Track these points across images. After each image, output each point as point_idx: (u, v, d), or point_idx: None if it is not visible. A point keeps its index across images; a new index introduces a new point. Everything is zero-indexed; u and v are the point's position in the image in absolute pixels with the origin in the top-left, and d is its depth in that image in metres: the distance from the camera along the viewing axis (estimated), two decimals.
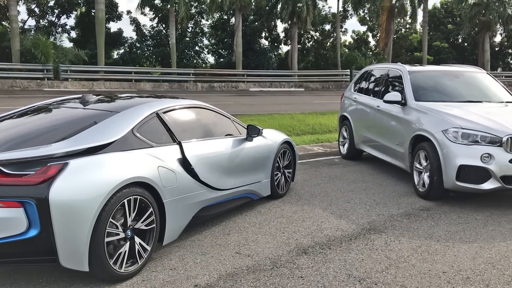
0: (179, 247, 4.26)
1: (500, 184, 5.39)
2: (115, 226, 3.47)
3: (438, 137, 5.80)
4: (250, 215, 5.26)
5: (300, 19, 34.71)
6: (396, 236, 4.67)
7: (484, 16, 38.09)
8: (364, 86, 8.55)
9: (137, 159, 3.79)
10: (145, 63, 40.46)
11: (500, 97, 7.03)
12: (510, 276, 3.77)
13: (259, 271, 3.80)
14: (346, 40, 47.86)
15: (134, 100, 4.82)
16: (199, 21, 41.66)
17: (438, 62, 39.80)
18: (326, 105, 18.25)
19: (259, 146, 5.53)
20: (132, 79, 28.40)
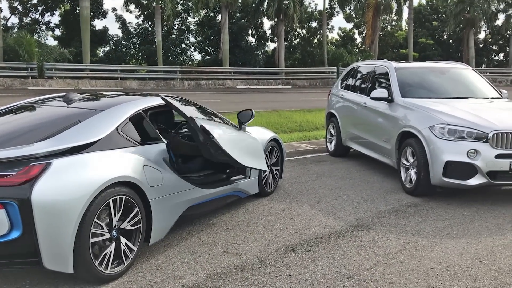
0: (166, 247, 4.21)
1: (486, 179, 5.42)
2: (100, 226, 3.41)
3: (425, 134, 5.81)
4: (238, 213, 5.23)
5: (286, 16, 34.69)
6: (384, 232, 4.67)
7: (468, 13, 38.46)
8: (351, 83, 8.55)
9: (122, 158, 3.73)
10: (131, 61, 40.13)
11: (485, 93, 7.08)
12: (497, 271, 3.78)
13: (247, 270, 3.77)
14: (332, 38, 47.97)
15: (119, 98, 4.76)
16: (185, 18, 41.42)
17: (423, 59, 40.10)
18: (313, 102, 18.26)
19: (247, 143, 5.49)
20: (118, 77, 28.16)
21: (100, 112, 3.98)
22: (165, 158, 4.26)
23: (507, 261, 4.00)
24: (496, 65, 46.69)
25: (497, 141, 5.40)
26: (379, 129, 7.06)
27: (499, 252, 4.18)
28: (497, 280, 3.63)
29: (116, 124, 3.92)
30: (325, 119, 9.36)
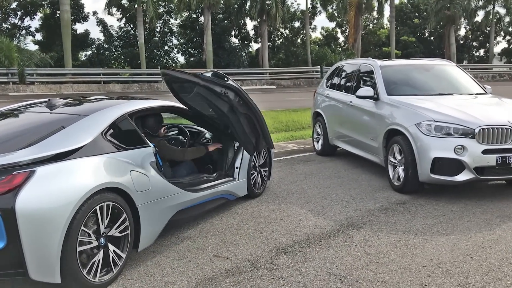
0: (155, 253, 4.14)
1: (474, 175, 5.44)
2: (88, 234, 3.33)
3: (412, 131, 5.82)
4: (227, 216, 5.17)
5: (269, 17, 34.72)
6: (375, 231, 4.66)
7: (448, 10, 38.89)
8: (336, 82, 8.55)
9: (108, 163, 3.66)
10: (114, 64, 39.79)
11: (470, 89, 7.12)
12: (488, 267, 3.79)
13: (238, 273, 3.72)
14: (316, 37, 48.11)
15: (103, 102, 4.67)
16: (167, 20, 41.20)
17: (406, 56, 40.42)
18: (298, 102, 18.28)
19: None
20: (101, 80, 27.91)
21: (84, 117, 3.89)
22: (152, 162, 4.19)
23: (497, 256, 4.01)
24: (477, 61, 47.29)
25: (484, 137, 5.43)
26: (365, 127, 7.06)
27: (489, 248, 4.19)
28: (489, 276, 3.63)
29: (101, 129, 3.84)
30: (312, 118, 9.35)
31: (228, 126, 5.15)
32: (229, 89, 4.61)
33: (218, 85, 4.59)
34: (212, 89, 4.59)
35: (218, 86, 4.59)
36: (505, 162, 5.41)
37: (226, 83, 4.60)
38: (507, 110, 6.03)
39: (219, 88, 4.59)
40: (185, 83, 4.72)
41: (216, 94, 4.62)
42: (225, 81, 4.61)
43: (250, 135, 5.02)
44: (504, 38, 49.10)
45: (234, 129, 4.99)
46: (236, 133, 5.01)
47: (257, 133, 5.06)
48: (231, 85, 4.63)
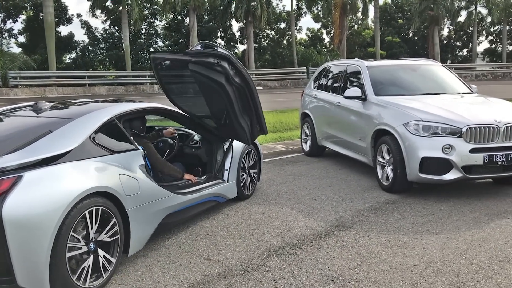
0: (145, 257, 4.10)
1: (462, 174, 5.48)
2: (77, 239, 3.28)
3: (400, 131, 5.85)
4: (217, 218, 5.14)
5: (255, 18, 34.74)
6: (365, 231, 4.67)
7: (432, 11, 39.29)
8: (323, 83, 8.57)
9: (96, 167, 3.61)
10: (99, 66, 39.51)
11: (456, 89, 7.18)
12: (478, 265, 3.82)
13: (230, 276, 3.70)
14: (301, 38, 48.32)
15: (90, 105, 4.61)
16: (152, 22, 41.03)
17: (390, 56, 40.77)
18: (285, 103, 18.30)
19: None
20: (86, 83, 27.66)
21: (72, 120, 3.83)
22: (141, 165, 4.14)
23: (487, 254, 4.04)
24: (460, 60, 47.85)
25: (471, 136, 5.47)
26: (353, 127, 7.08)
27: (478, 246, 4.22)
28: (479, 274, 3.66)
29: (89, 132, 3.78)
30: (299, 119, 9.35)
31: (221, 117, 5.07)
32: (221, 57, 4.56)
33: (210, 55, 4.55)
34: (204, 61, 4.55)
35: (211, 56, 4.55)
36: (492, 160, 5.46)
37: (217, 52, 4.56)
38: (493, 109, 6.09)
39: (212, 59, 4.54)
40: (176, 66, 4.69)
41: (210, 66, 4.56)
42: (216, 50, 4.57)
43: (246, 119, 5.00)
44: (486, 38, 49.86)
45: (228, 116, 4.93)
46: (231, 120, 4.95)
47: (251, 113, 5.04)
48: (223, 53, 4.58)
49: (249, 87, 4.85)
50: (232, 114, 4.90)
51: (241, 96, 4.86)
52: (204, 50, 4.58)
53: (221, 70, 4.58)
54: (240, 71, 4.71)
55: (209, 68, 4.58)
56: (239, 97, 4.85)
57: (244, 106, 4.95)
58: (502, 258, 3.95)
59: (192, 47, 4.71)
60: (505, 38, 44.96)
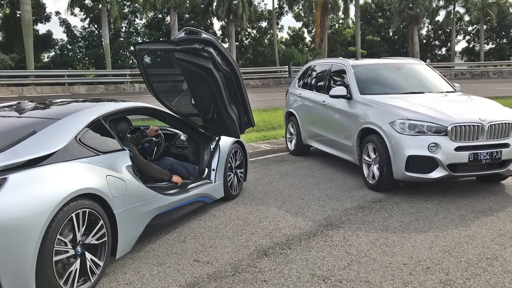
0: (133, 259, 4.02)
1: (447, 172, 5.53)
2: (64, 243, 3.20)
3: (386, 129, 5.87)
4: (204, 219, 5.09)
5: (236, 17, 34.65)
6: (353, 230, 4.67)
7: (411, 10, 39.75)
8: (308, 82, 8.56)
9: (83, 169, 3.53)
10: (78, 65, 38.97)
11: (439, 87, 7.25)
12: (467, 263, 3.84)
13: (220, 278, 3.65)
14: (282, 37, 48.39)
15: (75, 105, 4.51)
16: (132, 20, 40.62)
17: (371, 55, 41.11)
18: (267, 102, 18.28)
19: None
20: (65, 82, 27.23)
21: (57, 121, 3.74)
22: (128, 166, 4.07)
23: (475, 251, 4.08)
24: (439, 59, 48.53)
25: (456, 134, 5.52)
26: (339, 126, 7.09)
27: (466, 244, 4.26)
28: (468, 272, 3.68)
29: (75, 133, 3.70)
30: (284, 118, 9.34)
31: (209, 111, 5.00)
32: (207, 43, 4.52)
33: (196, 41, 4.51)
34: (190, 48, 4.51)
35: (196, 42, 4.51)
36: (477, 158, 5.52)
37: (202, 37, 4.52)
38: (477, 107, 6.16)
39: (197, 44, 4.50)
40: (162, 59, 4.63)
41: (196, 52, 4.52)
42: (200, 35, 4.53)
43: (234, 109, 4.96)
44: (464, 37, 50.67)
45: (217, 108, 4.87)
46: (219, 112, 4.89)
47: (239, 103, 5.00)
48: (208, 38, 4.55)
49: (235, 74, 4.82)
50: (220, 103, 4.85)
51: (228, 84, 4.83)
52: (189, 37, 4.54)
53: (208, 55, 4.54)
54: (226, 56, 4.68)
55: (195, 54, 4.54)
56: (227, 85, 4.81)
57: (231, 95, 4.91)
58: (490, 255, 3.99)
59: (177, 35, 4.66)
60: (483, 37, 45.79)
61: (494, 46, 49.38)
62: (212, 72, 4.58)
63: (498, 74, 36.96)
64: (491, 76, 36.69)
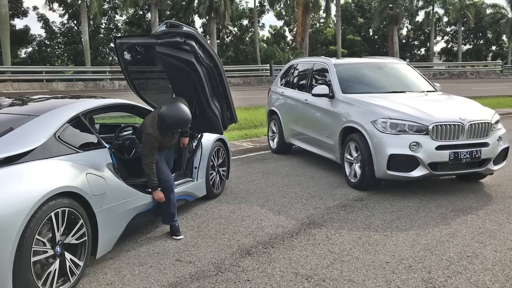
0: (114, 259, 3.95)
1: (428, 171, 5.58)
2: (42, 243, 3.12)
3: (368, 128, 5.90)
4: (186, 218, 5.03)
5: (217, 14, 34.48)
6: (336, 228, 4.67)
7: (391, 10, 40.14)
8: (290, 80, 8.56)
9: (62, 167, 3.44)
10: (57, 61, 38.34)
11: (420, 87, 7.30)
12: (448, 261, 3.87)
13: (203, 278, 3.61)
14: (264, 35, 48.37)
15: (54, 101, 4.40)
16: (113, 16, 40.12)
17: (352, 54, 41.42)
18: (249, 100, 18.22)
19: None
20: (43, 79, 26.75)
21: (35, 117, 3.64)
22: (109, 164, 3.99)
23: (456, 249, 4.11)
24: (418, 59, 49.13)
25: (437, 133, 5.57)
26: (321, 125, 7.10)
27: (447, 242, 4.29)
28: (449, 270, 3.71)
29: (54, 129, 3.61)
30: (266, 116, 9.32)
31: (191, 107, 4.88)
32: (188, 36, 4.46)
33: (177, 34, 4.44)
34: (172, 42, 4.44)
35: (177, 35, 4.44)
36: (457, 157, 5.58)
37: (183, 30, 4.45)
38: (458, 107, 6.22)
39: (179, 38, 4.43)
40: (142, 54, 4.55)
41: (177, 46, 4.45)
42: (181, 28, 4.47)
43: (216, 104, 4.90)
44: (443, 37, 51.43)
45: (199, 104, 4.81)
46: (202, 108, 4.82)
47: (221, 98, 4.95)
48: (189, 31, 4.48)
49: (217, 68, 4.77)
50: (203, 98, 4.78)
51: (210, 79, 4.76)
52: (170, 30, 4.47)
53: (190, 49, 4.47)
54: (208, 50, 4.62)
55: (177, 48, 4.47)
56: (209, 79, 4.75)
57: (214, 89, 4.85)
58: (470, 253, 4.03)
59: (157, 28, 4.58)
60: (461, 38, 46.50)
61: (471, 46, 50.23)
62: (194, 66, 4.51)
63: (475, 74, 37.60)
64: (469, 76, 37.31)
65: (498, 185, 6.26)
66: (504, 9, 43.62)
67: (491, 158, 5.81)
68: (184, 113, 4.26)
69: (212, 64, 4.68)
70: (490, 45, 49.45)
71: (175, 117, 4.22)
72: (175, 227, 4.51)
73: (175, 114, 4.23)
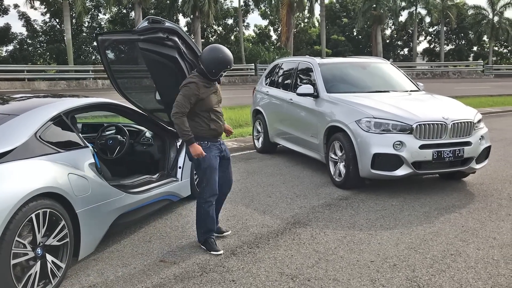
0: (97, 261, 3.90)
1: (412, 170, 5.61)
2: (23, 245, 3.06)
3: (352, 127, 5.91)
4: (171, 218, 4.99)
5: (202, 13, 34.35)
6: (321, 228, 4.67)
7: (375, 10, 40.43)
8: (275, 80, 8.55)
9: (43, 167, 3.38)
10: (39, 60, 37.83)
11: (404, 86, 7.35)
12: (432, 259, 3.90)
13: (187, 278, 3.58)
14: (249, 35, 48.32)
15: (34, 100, 4.33)
16: (96, 15, 39.70)
17: (336, 54, 41.64)
18: (234, 100, 18.17)
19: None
20: (25, 78, 26.36)
21: (15, 116, 3.57)
22: (91, 164, 3.93)
23: (439, 248, 4.14)
24: (401, 59, 49.55)
25: (420, 132, 5.61)
26: (306, 124, 7.11)
27: (430, 240, 4.32)
28: (433, 268, 3.74)
29: (34, 129, 3.54)
30: (251, 116, 9.29)
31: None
32: (171, 31, 4.41)
33: (159, 30, 4.39)
34: (154, 37, 4.39)
35: (160, 31, 4.39)
36: (441, 156, 5.63)
37: (165, 26, 4.41)
38: (441, 106, 6.28)
39: (161, 33, 4.38)
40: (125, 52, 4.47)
41: (160, 41, 4.40)
42: (164, 24, 4.42)
43: None
44: (426, 38, 51.94)
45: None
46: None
47: None
48: (171, 26, 4.43)
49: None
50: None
51: None
52: (152, 26, 4.42)
53: (172, 44, 4.42)
54: (190, 46, 4.56)
55: (159, 44, 4.42)
56: None
57: None
58: (454, 251, 4.06)
59: (139, 24, 4.53)
60: (443, 38, 47.05)
61: (453, 47, 50.84)
62: (178, 61, 4.45)
63: (458, 74, 38.07)
64: (451, 76, 37.76)
65: (480, 183, 6.33)
66: (485, 10, 44.25)
67: (473, 157, 5.87)
68: (226, 49, 4.12)
69: (195, 60, 4.63)
70: (471, 45, 50.11)
71: (222, 52, 4.01)
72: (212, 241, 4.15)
73: (220, 49, 4.05)
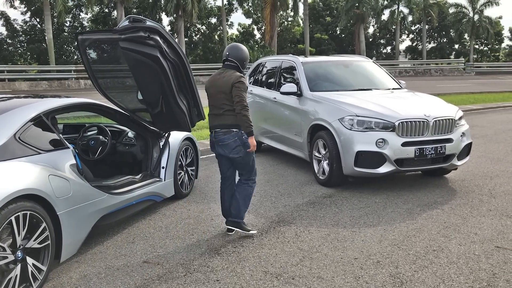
0: (79, 263, 3.85)
1: (395, 167, 5.66)
2: (2, 248, 3.01)
3: (335, 126, 5.94)
4: (154, 219, 4.96)
5: (185, 12, 34.18)
6: (305, 226, 4.69)
7: (358, 9, 40.68)
8: (259, 79, 8.55)
9: (23, 169, 3.33)
10: (19, 60, 37.26)
11: (386, 84, 7.41)
12: (415, 256, 3.94)
13: (171, 279, 3.56)
14: (233, 34, 48.20)
15: (14, 101, 4.24)
16: (77, 14, 39.26)
17: (319, 53, 41.77)
18: None
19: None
20: (5, 78, 25.97)
21: None
22: (72, 165, 3.88)
23: (422, 244, 4.18)
24: (384, 57, 49.95)
25: (403, 130, 5.67)
26: (290, 123, 7.12)
27: (413, 236, 4.36)
28: (416, 264, 3.77)
29: (14, 130, 3.49)
30: None
31: (157, 104, 4.82)
32: (152, 30, 4.36)
33: (140, 29, 4.35)
34: (135, 36, 4.34)
35: (141, 30, 4.35)
36: (423, 153, 5.68)
37: (147, 25, 4.36)
38: (423, 103, 6.34)
39: (142, 32, 4.34)
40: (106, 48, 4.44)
41: (141, 41, 4.35)
42: (145, 23, 4.37)
43: (183, 100, 4.81)
44: (408, 36, 52.40)
45: (166, 101, 4.72)
46: (168, 105, 4.73)
47: (188, 94, 4.85)
48: (152, 25, 4.39)
49: (183, 63, 4.64)
50: (169, 94, 4.66)
51: (176, 74, 4.64)
52: (133, 25, 4.37)
53: (154, 43, 4.37)
54: (172, 45, 4.52)
55: (141, 43, 4.36)
56: (175, 75, 4.64)
57: (180, 85, 4.74)
58: (436, 247, 4.10)
59: (120, 23, 4.48)
60: (425, 37, 47.54)
61: (435, 45, 51.38)
62: (160, 61, 4.41)
63: (439, 72, 38.49)
64: (433, 74, 38.17)
65: (462, 180, 6.41)
66: (466, 9, 44.82)
67: (455, 153, 5.95)
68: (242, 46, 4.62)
69: (177, 59, 4.59)
70: (453, 43, 50.70)
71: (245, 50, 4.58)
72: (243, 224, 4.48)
73: (244, 46, 4.61)
